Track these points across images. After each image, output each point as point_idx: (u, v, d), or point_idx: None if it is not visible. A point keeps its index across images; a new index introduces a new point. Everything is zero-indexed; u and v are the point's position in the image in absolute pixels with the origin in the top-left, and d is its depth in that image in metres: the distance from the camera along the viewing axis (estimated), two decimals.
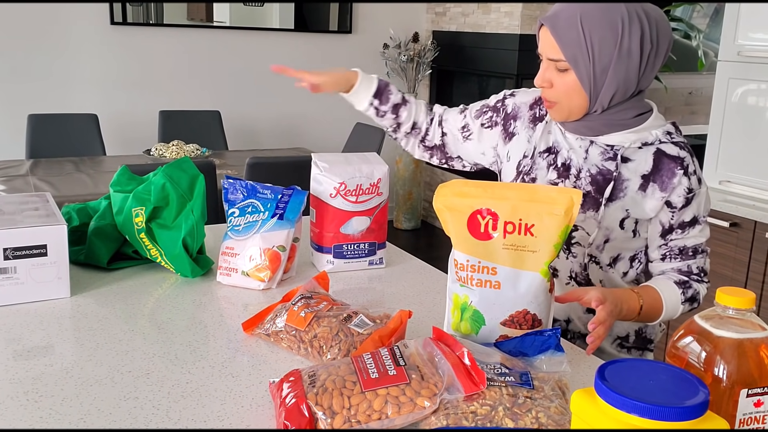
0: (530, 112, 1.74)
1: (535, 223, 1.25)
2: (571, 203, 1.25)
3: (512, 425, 0.99)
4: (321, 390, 1.05)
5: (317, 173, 1.78)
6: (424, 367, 1.08)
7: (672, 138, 1.59)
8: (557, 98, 1.56)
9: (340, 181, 1.75)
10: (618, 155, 1.57)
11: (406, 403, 1.03)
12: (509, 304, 1.27)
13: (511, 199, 1.26)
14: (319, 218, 1.80)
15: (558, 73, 1.54)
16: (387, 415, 1.02)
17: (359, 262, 1.83)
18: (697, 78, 5.95)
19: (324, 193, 1.77)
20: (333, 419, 1.02)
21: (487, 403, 1.03)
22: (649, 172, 1.57)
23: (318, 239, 1.81)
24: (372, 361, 1.09)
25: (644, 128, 1.58)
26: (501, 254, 1.26)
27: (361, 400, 1.03)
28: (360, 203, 1.78)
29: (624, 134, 1.58)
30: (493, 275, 1.27)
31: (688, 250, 1.62)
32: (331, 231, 1.78)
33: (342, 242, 1.79)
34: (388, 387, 1.04)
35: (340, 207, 1.77)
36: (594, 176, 1.59)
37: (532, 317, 1.28)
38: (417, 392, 1.04)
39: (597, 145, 1.60)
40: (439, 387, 1.04)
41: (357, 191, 1.77)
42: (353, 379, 1.06)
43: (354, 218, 1.78)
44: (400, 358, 1.10)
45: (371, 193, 1.79)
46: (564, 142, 1.64)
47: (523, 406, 1.03)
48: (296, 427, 1.02)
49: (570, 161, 1.62)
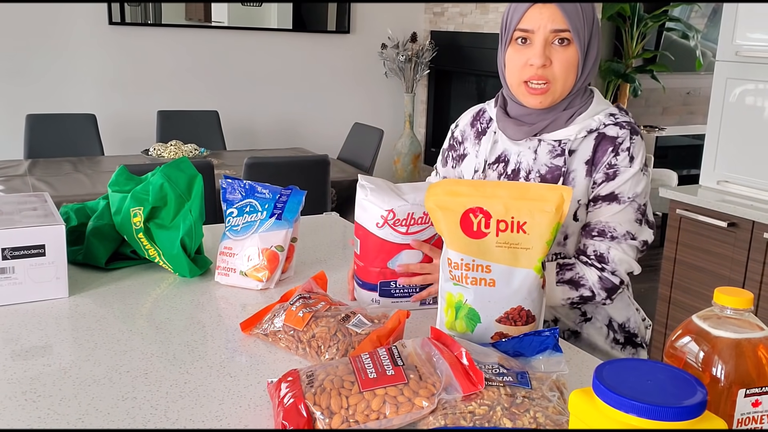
0: (473, 129, 1.74)
1: (527, 220, 1.26)
2: (562, 200, 1.26)
3: (510, 425, 0.99)
4: (319, 390, 1.05)
5: (363, 198, 1.55)
6: (422, 367, 1.08)
7: (615, 119, 1.57)
8: (554, 77, 1.52)
9: (389, 209, 1.52)
10: (565, 150, 1.56)
11: (404, 403, 1.03)
12: (504, 301, 1.28)
13: (503, 198, 1.27)
14: (364, 250, 1.57)
15: (557, 49, 1.51)
16: (385, 415, 1.02)
17: (409, 302, 1.58)
18: (695, 78, 5.95)
19: (369, 221, 1.54)
20: (331, 419, 1.02)
21: (485, 403, 1.03)
22: (590, 157, 1.55)
23: (362, 274, 1.59)
24: (370, 361, 1.09)
25: (587, 115, 1.57)
26: (495, 252, 1.27)
27: (359, 400, 1.03)
28: (411, 234, 1.53)
29: (569, 127, 1.57)
30: (487, 273, 1.27)
31: (592, 228, 1.56)
32: (377, 266, 1.56)
33: (389, 278, 1.56)
34: (386, 387, 1.04)
35: (388, 238, 1.53)
36: (543, 176, 1.58)
37: (526, 313, 1.29)
38: (415, 392, 1.04)
39: (545, 143, 1.59)
40: (438, 387, 1.04)
41: (408, 221, 1.53)
42: (351, 379, 1.06)
43: (404, 252, 1.54)
44: (399, 358, 1.10)
45: (424, 224, 1.53)
46: (513, 147, 1.63)
47: (521, 406, 1.03)
48: (294, 427, 1.02)
49: (519, 164, 1.61)
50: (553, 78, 1.53)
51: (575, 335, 1.68)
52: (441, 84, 6.20)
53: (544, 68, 1.52)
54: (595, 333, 1.68)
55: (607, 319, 1.68)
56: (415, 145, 6.06)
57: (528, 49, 1.53)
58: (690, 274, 3.16)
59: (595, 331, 1.68)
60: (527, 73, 1.53)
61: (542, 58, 1.51)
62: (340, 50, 6.07)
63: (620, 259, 1.54)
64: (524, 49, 1.53)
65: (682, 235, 3.19)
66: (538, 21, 1.50)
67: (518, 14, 1.53)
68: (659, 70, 5.74)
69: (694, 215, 3.11)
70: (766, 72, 2.99)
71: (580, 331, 1.68)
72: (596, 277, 1.54)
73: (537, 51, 1.51)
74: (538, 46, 1.51)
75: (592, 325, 1.68)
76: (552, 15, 1.50)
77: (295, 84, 5.98)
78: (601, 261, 1.54)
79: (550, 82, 1.53)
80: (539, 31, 1.51)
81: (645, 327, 1.75)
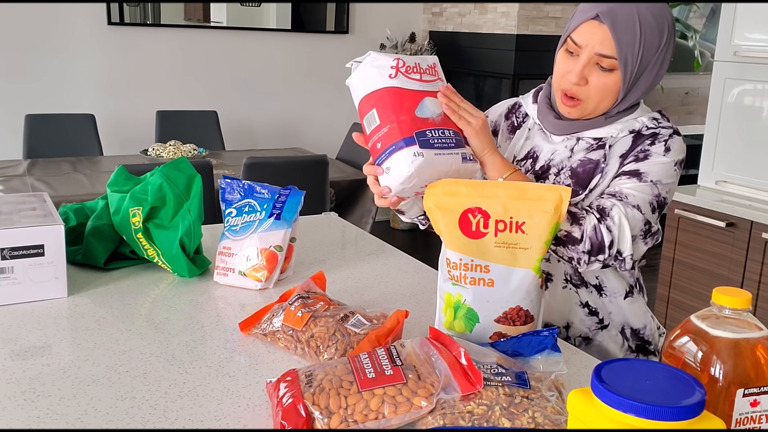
0: (507, 122, 1.70)
1: (526, 220, 1.26)
2: (560, 200, 1.26)
3: (509, 425, 1.00)
4: (318, 390, 1.05)
5: (364, 67, 1.44)
6: (420, 366, 1.08)
7: (658, 123, 1.54)
8: (587, 96, 1.49)
9: (396, 58, 1.42)
10: (606, 144, 1.53)
11: (402, 402, 1.03)
12: (503, 301, 1.28)
13: (501, 197, 1.27)
14: (385, 112, 1.38)
15: (599, 71, 1.47)
16: (384, 415, 1.02)
17: (452, 155, 1.38)
18: (693, 78, 5.96)
19: (380, 79, 1.40)
20: (330, 419, 1.02)
21: (483, 402, 1.03)
22: (626, 152, 1.52)
23: (393, 135, 1.36)
24: (369, 361, 1.09)
25: (632, 117, 1.55)
26: (493, 252, 1.27)
27: (357, 400, 1.03)
28: (426, 82, 1.42)
29: (611, 126, 1.54)
30: (486, 273, 1.28)
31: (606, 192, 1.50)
32: (406, 115, 1.37)
33: (423, 128, 1.37)
34: (384, 387, 1.04)
35: (406, 86, 1.39)
36: (575, 170, 1.55)
37: (525, 313, 1.29)
38: (414, 392, 1.04)
39: (584, 141, 1.56)
40: (436, 387, 1.04)
41: (417, 69, 1.42)
42: (350, 378, 1.07)
43: (426, 99, 1.40)
44: (397, 358, 1.10)
45: (432, 75, 1.43)
46: (546, 145, 1.60)
47: (520, 405, 1.03)
48: (293, 426, 1.02)
49: (551, 161, 1.58)
50: (586, 97, 1.50)
51: (586, 341, 1.65)
52: None
53: (578, 86, 1.49)
54: (609, 340, 1.66)
55: (622, 326, 1.66)
56: None
57: (572, 61, 1.49)
58: (688, 274, 3.17)
59: (610, 339, 1.66)
60: (565, 83, 1.51)
61: (578, 77, 1.47)
62: (339, 50, 6.07)
63: (620, 222, 1.43)
64: (570, 60, 1.50)
65: (680, 235, 3.20)
66: (588, 39, 1.46)
67: (575, 22, 1.49)
68: None
69: (693, 215, 3.11)
70: (765, 72, 2.99)
71: (592, 338, 1.65)
72: (592, 224, 1.42)
73: (576, 68, 1.48)
74: (579, 64, 1.47)
75: (608, 332, 1.65)
76: (603, 38, 1.44)
77: (294, 84, 5.98)
78: (601, 213, 1.44)
79: (581, 100, 1.50)
80: (585, 49, 1.46)
81: (659, 335, 1.72)
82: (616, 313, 1.64)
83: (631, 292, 1.65)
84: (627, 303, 1.64)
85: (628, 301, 1.65)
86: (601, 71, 1.47)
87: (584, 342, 1.66)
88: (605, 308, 1.64)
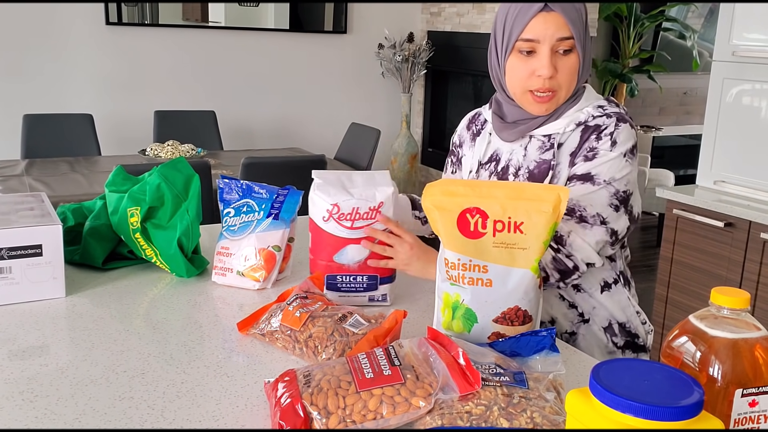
0: (468, 132, 1.78)
1: (524, 220, 1.26)
2: (559, 200, 1.26)
3: (507, 425, 1.00)
4: (316, 390, 1.05)
5: (312, 191, 1.56)
6: (419, 367, 1.08)
7: (603, 110, 1.56)
8: (559, 85, 1.52)
9: (333, 203, 1.53)
10: (554, 144, 1.56)
11: (401, 403, 1.03)
12: (501, 301, 1.28)
13: (499, 198, 1.27)
14: (314, 243, 1.59)
15: (561, 57, 1.51)
16: (382, 415, 1.02)
17: (357, 297, 1.58)
18: (691, 78, 5.96)
19: (317, 215, 1.55)
20: (328, 419, 1.02)
21: (482, 403, 1.03)
22: (575, 149, 1.55)
23: (311, 267, 1.61)
24: (367, 361, 1.09)
25: (577, 108, 1.57)
26: (492, 252, 1.27)
27: (356, 400, 1.03)
28: (356, 229, 1.54)
29: (558, 121, 1.57)
30: (484, 273, 1.28)
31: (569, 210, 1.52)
32: (324, 259, 1.57)
33: (336, 273, 1.57)
34: (383, 387, 1.04)
35: (333, 232, 1.54)
36: (531, 171, 1.59)
37: (523, 313, 1.29)
38: (412, 392, 1.04)
39: (535, 139, 1.60)
40: (434, 387, 1.04)
41: (353, 215, 1.53)
42: (348, 379, 1.06)
43: (349, 246, 1.55)
44: (395, 358, 1.10)
45: (370, 218, 1.54)
46: (505, 146, 1.65)
47: (518, 405, 1.03)
48: (291, 426, 1.02)
49: (509, 162, 1.63)
50: (559, 87, 1.53)
51: (572, 337, 1.66)
52: (438, 84, 6.20)
53: (551, 79, 1.51)
54: (591, 338, 1.66)
55: (609, 321, 1.66)
56: (411, 145, 6.06)
57: (533, 60, 1.51)
58: (687, 274, 3.17)
59: (592, 335, 1.66)
60: (534, 83, 1.52)
61: (550, 69, 1.49)
62: (337, 50, 6.07)
63: (579, 246, 1.51)
64: (529, 60, 1.51)
65: (678, 235, 3.20)
66: (544, 31, 1.48)
67: (521, 23, 1.50)
68: (656, 70, 5.75)
69: (691, 215, 3.11)
70: (763, 72, 2.99)
71: (576, 332, 1.66)
72: (549, 257, 1.50)
73: (544, 62, 1.49)
74: (544, 57, 1.49)
75: (589, 327, 1.66)
76: (557, 24, 1.48)
77: (292, 84, 5.98)
78: (557, 242, 1.51)
79: (555, 91, 1.53)
80: (545, 41, 1.49)
81: (646, 331, 1.72)
82: (599, 308, 1.66)
83: (608, 286, 1.66)
84: (605, 297, 1.66)
85: (606, 295, 1.66)
86: (563, 56, 1.51)
87: (570, 338, 1.66)
88: (586, 303, 1.66)
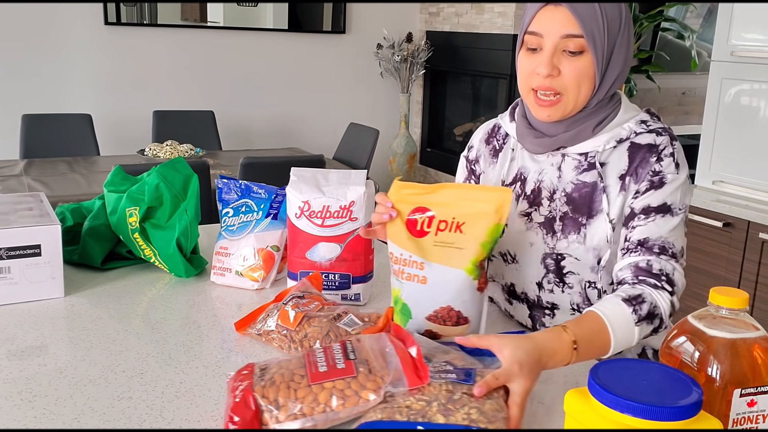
0: (488, 147, 1.60)
1: (466, 221, 1.27)
2: (502, 201, 1.26)
3: (443, 421, 1.00)
4: (269, 383, 1.07)
5: (287, 188, 1.56)
6: (374, 361, 1.09)
7: (648, 126, 1.41)
8: (564, 88, 1.36)
9: (304, 200, 1.53)
10: (596, 163, 1.41)
11: (351, 396, 1.04)
12: (434, 299, 1.29)
13: (447, 198, 1.29)
14: (289, 240, 1.59)
15: (568, 57, 1.35)
16: (332, 408, 1.03)
17: (330, 295, 1.56)
18: (690, 78, 5.96)
19: (291, 212, 1.55)
20: (278, 411, 1.04)
21: (423, 398, 1.04)
22: (626, 170, 1.40)
23: (289, 264, 1.61)
24: (323, 356, 1.11)
25: (616, 124, 1.41)
26: (431, 250, 1.28)
27: (307, 393, 1.04)
28: (327, 227, 1.53)
29: (596, 138, 1.42)
30: (420, 270, 1.29)
31: (651, 243, 1.36)
32: (298, 256, 1.57)
33: (309, 270, 1.56)
34: (334, 380, 1.06)
35: (305, 229, 1.54)
36: (570, 195, 1.43)
37: (456, 314, 1.29)
38: (363, 385, 1.05)
39: (570, 158, 1.44)
40: (386, 380, 1.05)
41: (323, 213, 1.53)
42: (302, 372, 1.08)
43: (321, 244, 1.54)
44: (351, 353, 1.11)
45: (341, 218, 1.53)
46: (532, 165, 1.49)
47: (458, 402, 1.03)
48: (241, 418, 1.03)
49: (541, 183, 1.47)
50: (564, 89, 1.37)
51: None
52: (436, 84, 6.20)
53: (551, 78, 1.36)
54: None
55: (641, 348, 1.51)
56: (410, 145, 6.06)
57: (537, 56, 1.37)
58: (686, 273, 3.17)
59: None
60: (535, 81, 1.39)
61: (548, 66, 1.35)
62: (336, 50, 6.06)
63: (682, 284, 1.36)
64: (534, 55, 1.38)
65: None
66: (548, 25, 1.35)
67: (529, 15, 1.38)
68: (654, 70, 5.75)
69: (690, 215, 3.11)
70: (762, 72, 3.00)
71: None
72: (668, 303, 1.31)
73: (544, 59, 1.36)
74: (545, 54, 1.35)
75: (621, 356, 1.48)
76: (563, 19, 1.33)
77: (291, 84, 5.97)
78: (671, 284, 1.33)
79: (561, 94, 1.37)
80: (549, 36, 1.35)
81: None
82: None
83: None
84: None
85: None
86: (571, 56, 1.35)
87: None
88: None
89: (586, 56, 1.35)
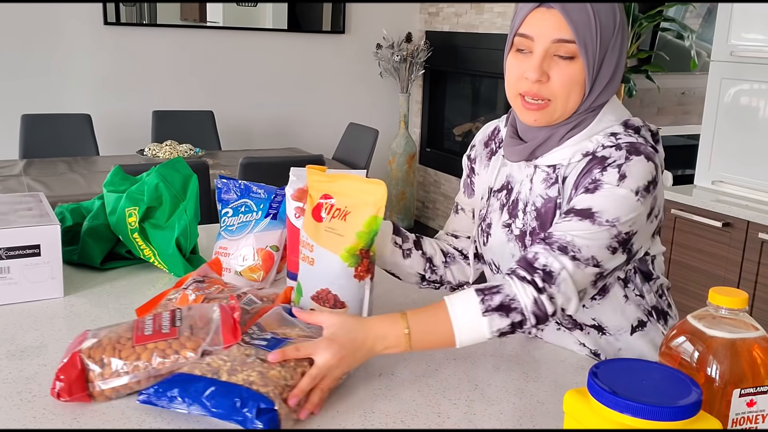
0: (486, 150, 1.56)
1: (352, 211, 1.33)
2: (380, 195, 1.31)
3: (225, 379, 1.07)
4: (96, 345, 1.16)
5: (286, 189, 1.55)
6: (198, 325, 1.19)
7: (617, 140, 1.32)
8: (552, 94, 1.31)
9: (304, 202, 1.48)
10: (558, 178, 1.36)
11: (171, 355, 1.15)
12: (316, 281, 1.36)
13: (345, 188, 1.35)
14: (289, 241, 1.59)
15: (558, 63, 1.29)
16: (153, 366, 1.14)
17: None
18: (689, 78, 5.96)
19: (290, 212, 1.55)
20: (103, 369, 1.14)
21: (224, 358, 1.13)
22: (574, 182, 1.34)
23: (288, 264, 1.61)
24: (151, 322, 1.21)
25: (585, 135, 1.35)
26: (322, 235, 1.35)
27: (130, 353, 1.15)
28: None
29: (563, 149, 1.36)
30: (311, 252, 1.37)
31: (553, 239, 1.27)
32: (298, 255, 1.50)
33: None
34: (156, 342, 1.16)
35: None
36: (539, 210, 1.39)
37: (333, 297, 1.35)
38: (183, 345, 1.16)
39: (540, 170, 1.39)
40: (206, 340, 1.17)
41: None
42: (129, 335, 1.18)
43: None
44: (178, 320, 1.21)
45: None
46: (518, 175, 1.44)
47: (249, 365, 1.11)
48: (66, 377, 1.13)
49: (519, 195, 1.43)
50: (552, 96, 1.31)
51: None
52: (436, 84, 6.20)
53: (540, 84, 1.30)
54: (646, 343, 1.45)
55: None
56: (410, 145, 6.06)
57: (526, 59, 1.31)
58: (685, 274, 3.17)
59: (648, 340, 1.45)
60: (523, 86, 1.33)
61: (538, 72, 1.29)
62: (335, 50, 6.06)
63: (565, 290, 1.25)
64: (523, 58, 1.32)
65: (677, 235, 3.20)
66: (539, 28, 1.29)
67: (519, 17, 1.33)
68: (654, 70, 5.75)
69: (689, 215, 3.11)
70: (761, 72, 3.00)
71: None
72: (531, 299, 1.23)
73: (533, 63, 1.30)
74: (535, 58, 1.30)
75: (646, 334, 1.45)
76: (555, 23, 1.28)
77: (290, 84, 5.97)
78: (546, 281, 1.24)
79: (549, 100, 1.32)
80: (539, 39, 1.29)
81: None
82: (626, 350, 1.45)
83: (642, 324, 1.44)
84: (637, 338, 1.44)
85: (638, 335, 1.44)
86: (562, 62, 1.29)
87: None
88: (612, 346, 1.45)
89: (577, 62, 1.29)
